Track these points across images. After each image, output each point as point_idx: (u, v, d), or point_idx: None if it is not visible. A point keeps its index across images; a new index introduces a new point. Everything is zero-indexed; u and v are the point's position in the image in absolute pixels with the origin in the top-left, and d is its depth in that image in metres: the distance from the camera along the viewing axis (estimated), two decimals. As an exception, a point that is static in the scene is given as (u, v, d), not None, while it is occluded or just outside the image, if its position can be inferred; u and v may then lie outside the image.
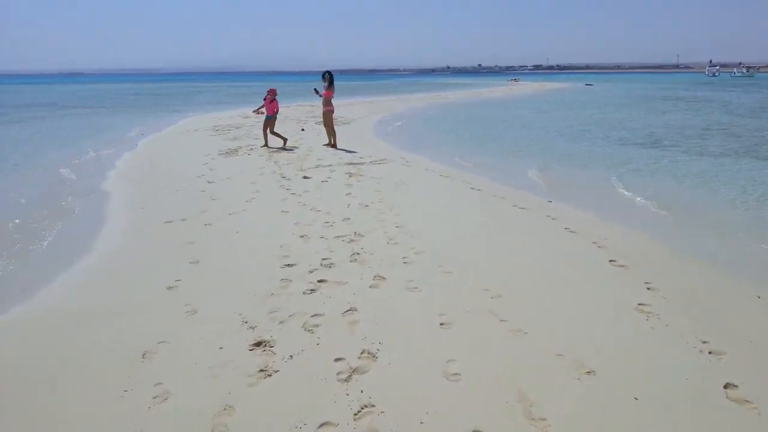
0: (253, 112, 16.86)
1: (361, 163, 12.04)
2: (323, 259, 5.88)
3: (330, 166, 11.64)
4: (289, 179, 10.30)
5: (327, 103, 14.46)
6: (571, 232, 7.04)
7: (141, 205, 8.87)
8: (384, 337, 4.16)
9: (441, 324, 4.36)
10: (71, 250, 6.64)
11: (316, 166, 11.58)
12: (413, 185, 9.83)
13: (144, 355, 3.98)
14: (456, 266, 5.62)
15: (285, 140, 14.72)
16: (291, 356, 3.90)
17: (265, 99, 14.55)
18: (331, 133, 14.73)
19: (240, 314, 4.59)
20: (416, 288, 5.06)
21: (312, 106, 32.45)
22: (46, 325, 4.55)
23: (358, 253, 6.02)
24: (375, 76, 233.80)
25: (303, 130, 18.89)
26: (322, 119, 14.95)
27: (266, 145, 14.74)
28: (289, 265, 5.73)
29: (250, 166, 11.76)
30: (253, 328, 4.33)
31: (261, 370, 3.72)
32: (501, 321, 4.41)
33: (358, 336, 4.19)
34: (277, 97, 14.70)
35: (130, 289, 5.27)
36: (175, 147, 15.31)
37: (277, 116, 14.97)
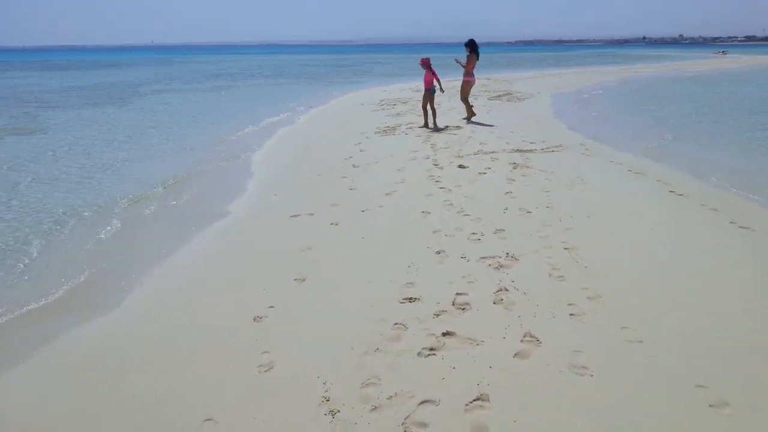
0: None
1: (532, 150, 10.16)
2: (458, 294, 4.37)
3: (493, 153, 9.92)
4: (441, 168, 8.84)
5: (468, 74, 14.00)
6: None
7: (276, 191, 8.06)
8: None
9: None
10: (166, 245, 5.95)
11: (476, 153, 9.94)
12: (592, 184, 7.80)
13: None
14: (650, 332, 3.77)
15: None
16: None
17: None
18: (467, 105, 14.25)
19: (323, 382, 3.30)
20: (585, 369, 3.35)
21: (488, 79, 30.42)
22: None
23: (507, 290, 4.41)
24: (562, 47, 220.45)
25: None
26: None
27: (426, 125, 13.12)
28: (411, 299, 4.32)
29: (404, 148, 10.50)
30: (333, 415, 3.00)
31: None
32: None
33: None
34: (432, 67, 13.00)
35: (205, 316, 4.28)
36: (334, 123, 14.63)
37: (444, 88, 13.55)
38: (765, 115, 15.67)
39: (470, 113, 14.23)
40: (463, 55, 14.27)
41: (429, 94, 13.01)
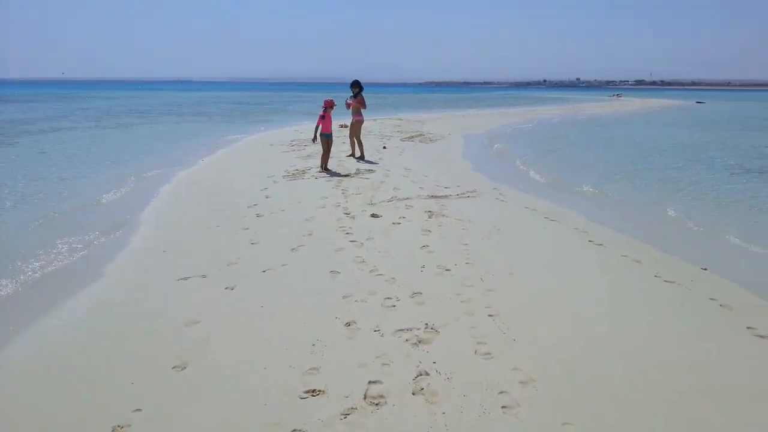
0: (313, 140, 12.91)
1: (446, 196, 9.78)
2: (370, 382, 3.68)
3: (407, 199, 9.44)
4: (353, 217, 8.22)
5: (356, 113, 14.11)
6: (760, 336, 4.47)
7: (165, 246, 7.09)
8: None
9: None
10: (25, 315, 4.89)
11: (390, 199, 9.42)
12: (510, 233, 7.44)
13: None
14: (590, 424, 3.24)
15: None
16: None
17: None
18: (359, 144, 14.41)
19: None
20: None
21: (399, 120, 30.56)
22: None
23: (428, 374, 3.77)
24: (469, 89, 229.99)
25: (385, 147, 16.85)
26: (349, 128, 14.73)
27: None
28: (314, 392, 3.57)
29: (313, 195, 9.81)
30: None
31: None
32: None
33: None
34: (330, 111, 12.55)
35: None
36: (240, 165, 13.69)
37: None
38: (656, 157, 16.35)
39: (361, 153, 14.44)
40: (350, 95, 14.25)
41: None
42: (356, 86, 14.24)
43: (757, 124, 32.96)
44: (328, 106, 12.53)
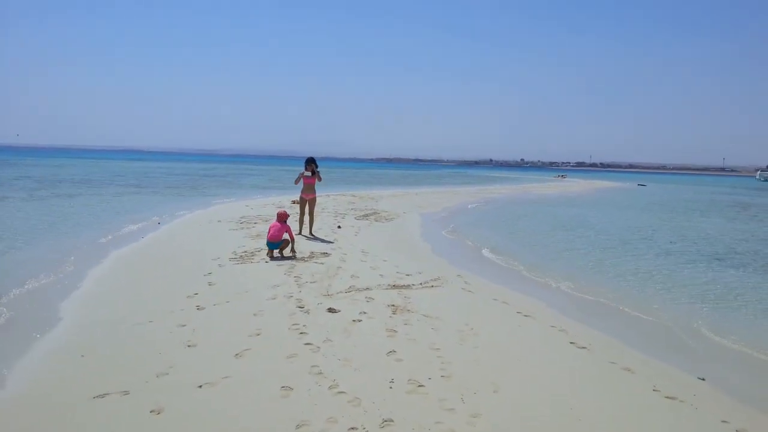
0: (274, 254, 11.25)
1: (409, 286, 8.98)
2: None
3: (367, 290, 8.58)
4: (307, 312, 7.27)
5: (312, 189, 14.15)
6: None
7: (84, 350, 5.93)
8: None
9: None
10: None
11: (349, 289, 8.55)
12: (485, 335, 6.64)
13: None
14: None
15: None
16: None
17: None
18: (310, 221, 14.25)
19: None
20: None
21: (353, 196, 30.09)
22: None
23: None
24: (419, 166, 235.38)
25: (339, 227, 16.08)
26: (299, 205, 14.42)
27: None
28: None
29: (262, 283, 8.83)
30: None
31: None
32: None
33: None
34: (287, 222, 11.34)
35: None
36: (182, 245, 12.54)
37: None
38: (618, 245, 16.15)
39: (310, 229, 14.23)
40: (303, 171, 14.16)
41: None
42: (313, 162, 14.19)
43: (698, 207, 34.02)
44: (284, 219, 11.32)
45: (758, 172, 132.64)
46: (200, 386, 4.93)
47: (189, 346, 5.98)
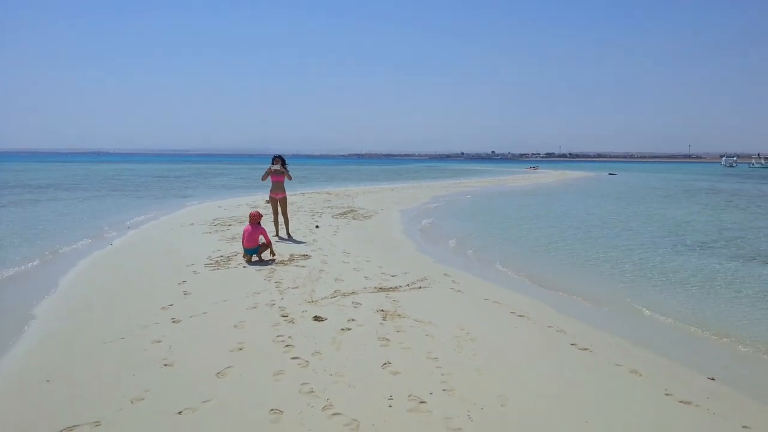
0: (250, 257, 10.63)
1: (396, 288, 8.58)
2: None
3: (353, 294, 8.15)
4: (292, 321, 6.81)
5: (282, 188, 13.55)
6: None
7: (49, 374, 5.37)
8: None
9: None
10: None
11: (333, 294, 8.11)
12: (483, 340, 6.27)
13: None
14: None
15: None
16: None
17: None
18: (285, 222, 13.62)
19: None
20: None
21: (328, 194, 29.57)
22: None
23: None
24: (391, 161, 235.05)
25: (318, 227, 15.59)
26: (271, 205, 13.80)
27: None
28: None
29: (242, 290, 8.33)
30: None
31: None
32: None
33: None
34: (260, 224, 10.79)
35: None
36: (153, 252, 11.87)
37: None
38: (602, 235, 15.99)
39: (287, 231, 13.67)
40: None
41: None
42: (280, 159, 13.62)
43: (671, 194, 34.34)
44: (256, 220, 10.72)
45: (723, 158, 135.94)
46: (179, 412, 4.46)
47: (165, 365, 5.48)
